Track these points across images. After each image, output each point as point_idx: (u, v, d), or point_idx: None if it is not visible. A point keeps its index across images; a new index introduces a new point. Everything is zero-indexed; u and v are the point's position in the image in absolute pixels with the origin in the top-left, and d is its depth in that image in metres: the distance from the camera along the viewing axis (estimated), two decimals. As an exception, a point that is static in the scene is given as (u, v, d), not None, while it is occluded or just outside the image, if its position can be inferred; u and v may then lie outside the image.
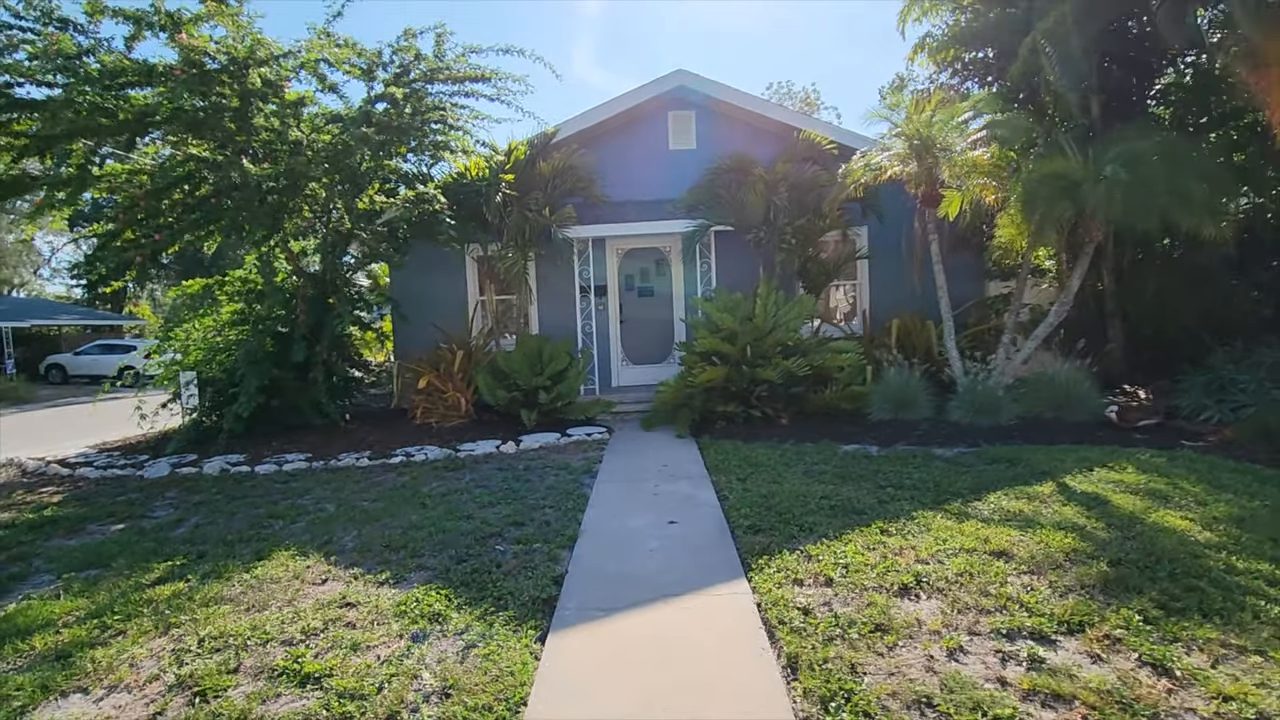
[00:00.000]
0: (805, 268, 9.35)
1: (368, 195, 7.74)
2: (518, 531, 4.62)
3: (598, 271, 10.32)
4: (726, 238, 9.90)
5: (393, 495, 5.71)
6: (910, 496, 4.91)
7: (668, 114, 10.74)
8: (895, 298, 10.04)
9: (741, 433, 7.55)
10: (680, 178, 10.11)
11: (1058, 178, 6.98)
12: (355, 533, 4.76)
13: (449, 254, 9.95)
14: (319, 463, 7.08)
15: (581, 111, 10.39)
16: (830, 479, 5.48)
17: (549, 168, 9.37)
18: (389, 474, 6.56)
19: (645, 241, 10.48)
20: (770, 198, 8.90)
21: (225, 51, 6.57)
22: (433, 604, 3.52)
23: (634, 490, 5.64)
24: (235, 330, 8.73)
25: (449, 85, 8.46)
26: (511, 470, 6.41)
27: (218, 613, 3.54)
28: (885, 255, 10.07)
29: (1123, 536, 3.97)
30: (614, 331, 10.57)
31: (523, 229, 8.76)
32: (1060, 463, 5.63)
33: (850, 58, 52.23)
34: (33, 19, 6.20)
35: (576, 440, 7.72)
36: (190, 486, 6.40)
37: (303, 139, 7.62)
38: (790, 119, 10.39)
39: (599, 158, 10.05)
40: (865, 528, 4.30)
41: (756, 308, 8.38)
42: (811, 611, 3.28)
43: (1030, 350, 7.67)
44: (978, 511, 4.53)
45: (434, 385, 8.91)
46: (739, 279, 9.71)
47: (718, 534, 4.46)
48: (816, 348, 8.06)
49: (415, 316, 9.92)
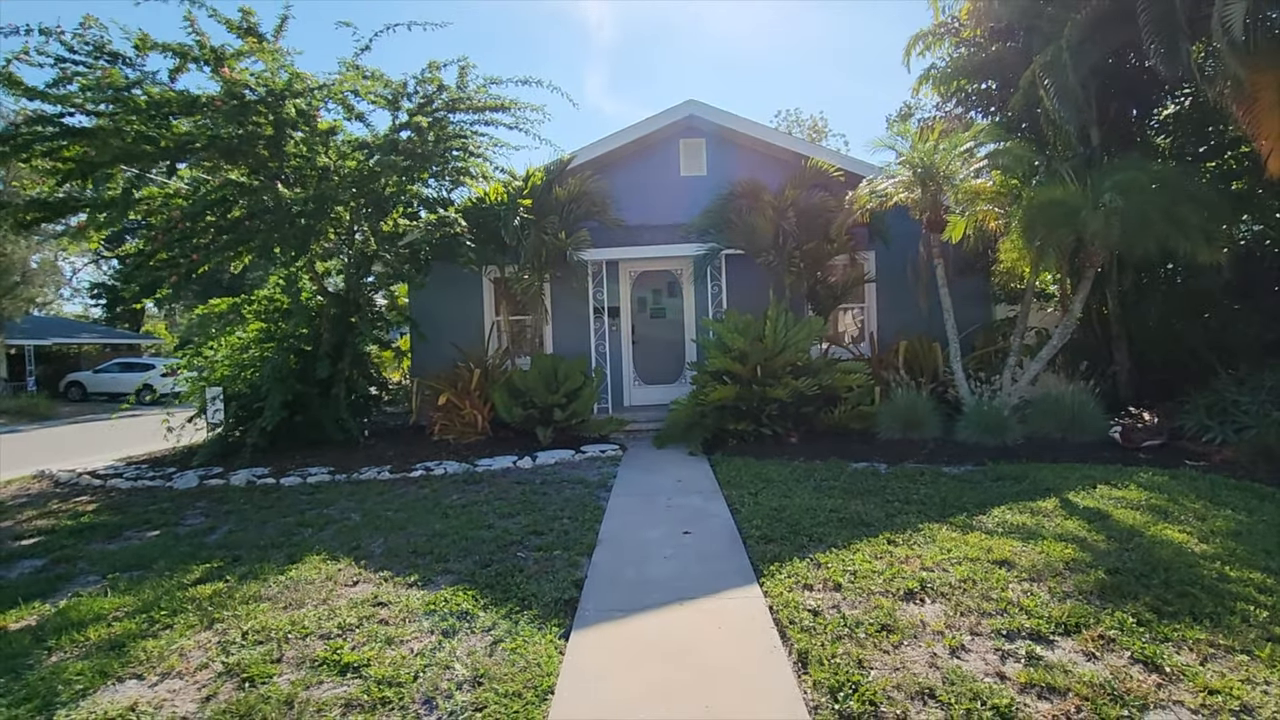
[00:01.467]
0: (814, 290, 9.60)
1: (391, 219, 8.07)
2: (538, 540, 4.81)
3: (611, 293, 10.60)
4: (736, 261, 10.17)
5: (415, 506, 5.92)
6: (917, 511, 5.08)
7: (679, 142, 11.10)
8: (902, 320, 10.25)
9: (752, 450, 7.73)
10: (691, 203, 10.43)
11: (1057, 205, 7.21)
12: (382, 540, 4.97)
13: (466, 275, 10.27)
14: (341, 476, 7.31)
15: (596, 140, 10.77)
16: (839, 494, 5.65)
17: (565, 193, 9.70)
18: (410, 487, 6.77)
19: (658, 264, 10.76)
20: (779, 222, 9.17)
21: (264, 84, 6.96)
22: (460, 604, 3.71)
23: (648, 503, 5.82)
24: (260, 347, 9.02)
25: (470, 114, 8.84)
26: (529, 484, 6.61)
27: (257, 609, 3.75)
28: (892, 279, 10.31)
29: (1121, 548, 4.12)
30: (627, 352, 10.81)
31: (539, 252, 9.06)
32: (1064, 480, 5.78)
33: (857, 87, 53.08)
34: (85, 53, 6.61)
35: (591, 457, 7.91)
36: (219, 497, 6.63)
37: (330, 165, 7.99)
38: (798, 147, 10.73)
39: (613, 183, 10.38)
40: (873, 539, 4.47)
41: (766, 329, 8.61)
42: (821, 613, 3.45)
43: (1035, 372, 7.83)
44: (982, 524, 4.69)
45: (452, 403, 9.15)
46: (749, 301, 9.94)
47: (730, 544, 4.63)
48: (825, 368, 8.26)
49: (433, 336, 10.21)
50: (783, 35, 54.05)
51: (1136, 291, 9.54)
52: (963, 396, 8.30)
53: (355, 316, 8.93)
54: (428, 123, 8.06)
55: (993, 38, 10.35)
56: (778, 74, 56.66)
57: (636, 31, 61.10)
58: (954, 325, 8.50)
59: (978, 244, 8.42)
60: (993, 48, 10.38)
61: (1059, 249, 7.08)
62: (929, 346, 9.35)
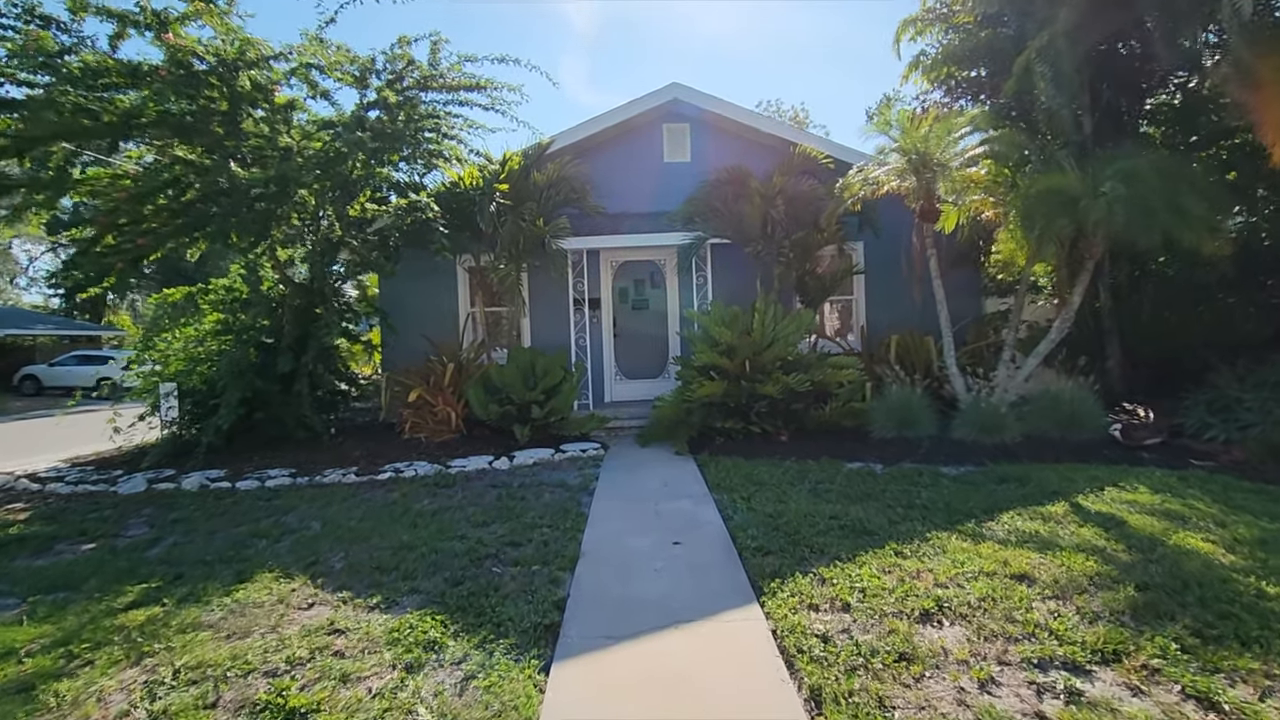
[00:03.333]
0: (802, 282, 9.26)
1: (358, 203, 7.55)
2: (515, 552, 4.41)
3: (592, 284, 10.17)
4: (723, 251, 9.80)
5: (381, 513, 5.47)
6: (922, 517, 4.76)
7: (662, 127, 10.68)
8: (891, 314, 9.98)
9: (741, 449, 7.38)
10: (675, 190, 10.02)
11: (1056, 193, 6.95)
12: (343, 553, 4.53)
13: (440, 264, 9.78)
14: (303, 479, 6.82)
15: (576, 124, 10.31)
16: (837, 498, 5.32)
17: (543, 178, 9.24)
18: (377, 491, 6.32)
19: (640, 254, 10.36)
20: (768, 210, 8.81)
21: (214, 53, 6.39)
22: (427, 631, 3.30)
23: (634, 509, 5.44)
24: (218, 340, 8.45)
25: (443, 94, 8.33)
26: (505, 487, 6.20)
27: (195, 640, 3.30)
28: (881, 271, 10.02)
29: (1145, 559, 3.84)
30: (608, 345, 10.40)
31: (516, 239, 8.60)
32: (1071, 482, 5.51)
33: (838, 81, 52.95)
34: (13, 15, 6.00)
35: (571, 456, 7.51)
36: (167, 503, 6.11)
37: (293, 145, 7.44)
38: (785, 133, 10.37)
39: (593, 170, 9.94)
40: (879, 549, 4.13)
41: (754, 322, 8.25)
42: (831, 639, 3.10)
43: (1032, 368, 7.59)
44: (993, 532, 4.39)
45: (424, 399, 8.67)
46: (735, 293, 9.59)
47: (724, 555, 4.27)
48: (816, 363, 7.94)
49: (405, 328, 9.71)
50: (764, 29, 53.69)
51: (1129, 284, 9.37)
52: (957, 393, 8.04)
53: (321, 307, 8.40)
54: (397, 100, 7.54)
55: (984, 23, 10.07)
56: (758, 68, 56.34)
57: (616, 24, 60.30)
58: (948, 318, 8.23)
59: (971, 235, 8.15)
60: (983, 34, 10.10)
61: (1058, 239, 6.81)
62: (921, 341, 9.08)
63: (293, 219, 7.58)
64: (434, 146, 8.19)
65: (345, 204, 7.34)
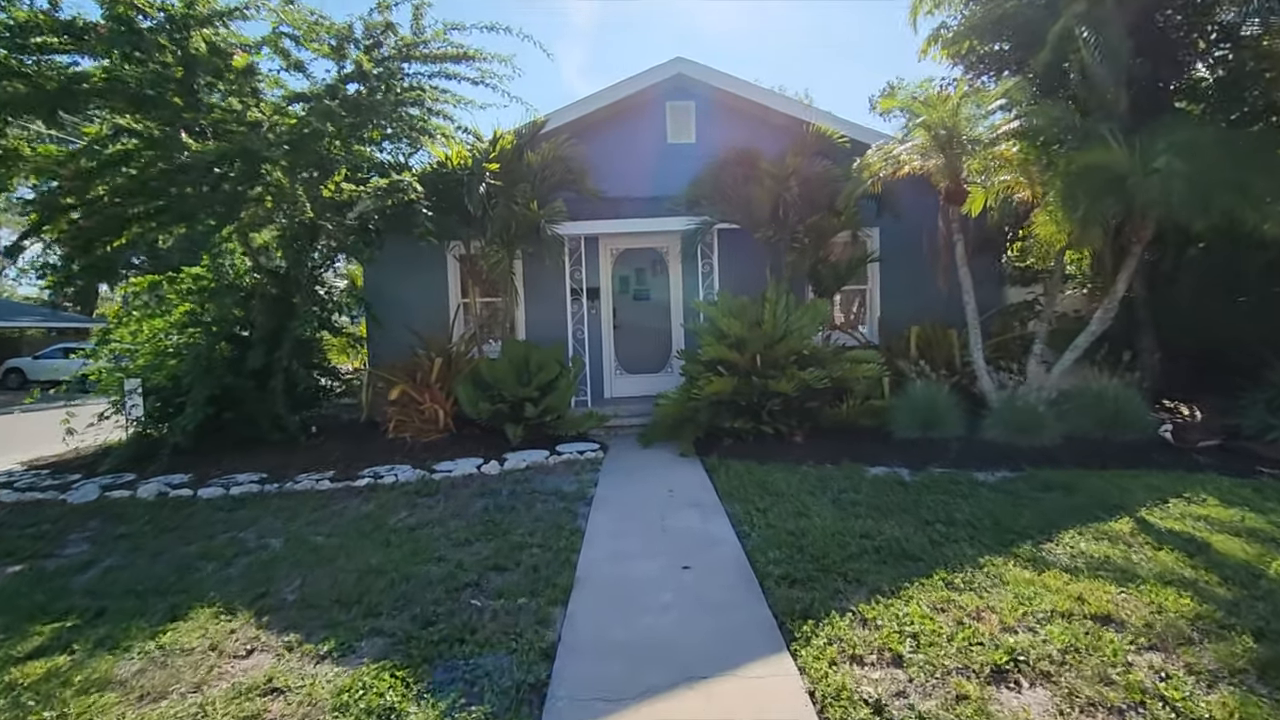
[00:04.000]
0: (816, 270, 8.61)
1: (333, 182, 6.88)
2: (499, 579, 3.79)
3: (590, 273, 9.52)
4: (730, 237, 9.14)
5: (352, 528, 4.85)
6: (967, 536, 4.14)
7: (665, 105, 10.00)
8: (908, 304, 9.34)
9: (752, 452, 6.77)
10: (679, 173, 9.34)
11: (1100, 171, 6.29)
12: (300, 580, 3.91)
13: (428, 252, 9.13)
14: (273, 485, 6.19)
15: (573, 101, 9.63)
16: (866, 511, 4.70)
17: (538, 159, 8.56)
18: (352, 499, 5.70)
19: (641, 241, 9.70)
20: (780, 193, 8.15)
21: (160, 8, 5.71)
22: (384, 691, 2.69)
23: (636, 522, 4.82)
24: (187, 333, 7.81)
25: (427, 66, 7.65)
26: (494, 496, 5.58)
27: (98, 705, 2.68)
28: (897, 258, 9.36)
29: (1249, 595, 3.22)
30: (607, 338, 9.77)
31: (508, 224, 7.94)
32: (1127, 492, 4.89)
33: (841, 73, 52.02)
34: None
35: (567, 459, 6.89)
36: (118, 514, 5.48)
37: (263, 120, 6.79)
38: (797, 111, 9.68)
39: (592, 151, 9.27)
40: (925, 579, 3.52)
41: (765, 313, 7.62)
42: (885, 709, 2.48)
43: (1069, 362, 6.96)
44: (1055, 557, 3.77)
45: (409, 396, 8.04)
46: (743, 282, 8.95)
47: (743, 584, 3.65)
48: (834, 358, 7.30)
49: (393, 320, 9.09)
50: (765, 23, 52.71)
51: (1167, 272, 8.73)
52: (985, 389, 7.42)
53: (297, 297, 7.76)
54: (374, 69, 6.87)
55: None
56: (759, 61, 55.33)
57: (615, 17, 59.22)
58: (975, 309, 7.60)
59: (1002, 219, 7.50)
60: (1009, 3, 9.41)
61: (1103, 221, 6.17)
62: (943, 333, 8.44)
63: (266, 201, 6.92)
64: (418, 122, 7.52)
65: (319, 183, 6.66)
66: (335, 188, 6.80)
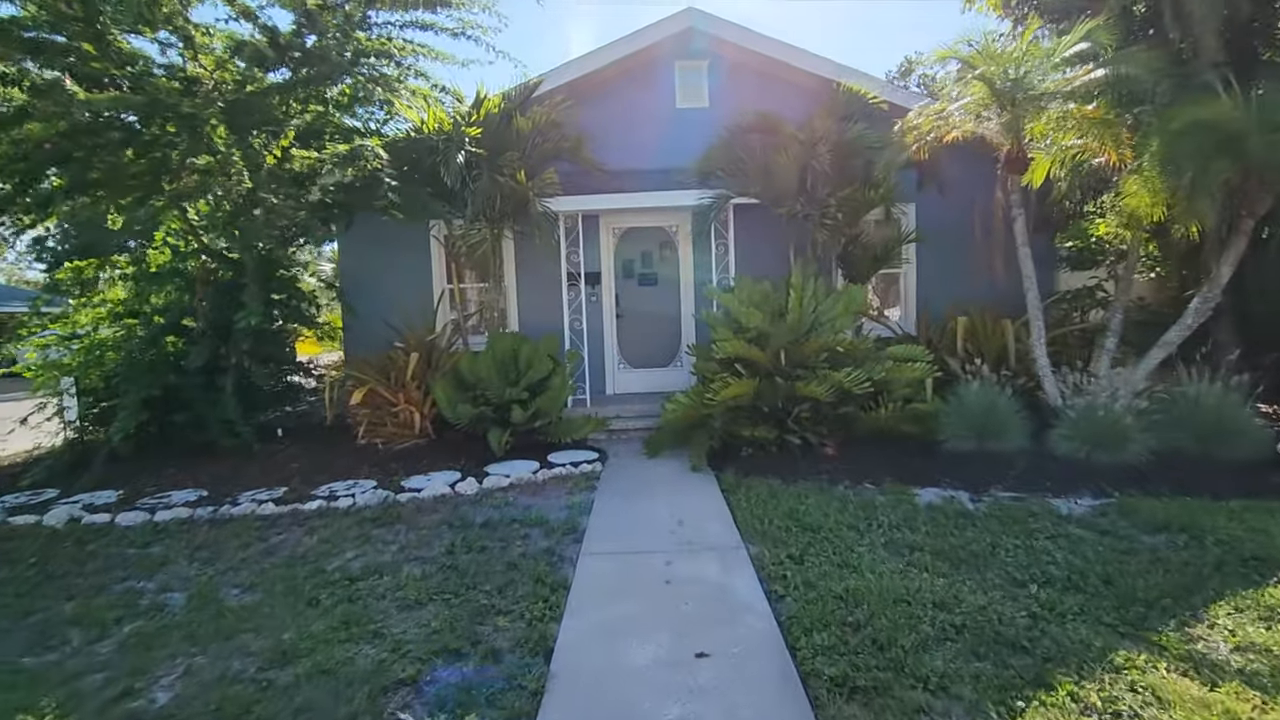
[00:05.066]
0: (848, 251, 7.49)
1: (278, 147, 5.81)
2: (446, 674, 2.79)
3: (590, 255, 8.44)
4: (748, 214, 8.03)
5: (281, 577, 3.86)
6: (1079, 607, 3.09)
7: (674, 65, 8.83)
8: (948, 289, 8.23)
9: (776, 466, 5.74)
10: (690, 143, 8.18)
11: (1209, 129, 5.15)
12: (182, 669, 2.92)
13: (410, 233, 8.07)
14: (207, 509, 5.21)
15: (571, 59, 8.50)
16: (930, 560, 3.66)
17: (528, 124, 7.43)
18: (293, 531, 4.72)
19: (647, 218, 8.60)
20: (808, 162, 7.01)
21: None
22: None
23: (636, 572, 3.80)
24: (126, 324, 6.83)
25: (396, 13, 6.55)
26: (465, 528, 4.58)
27: None
28: (937, 237, 8.18)
29: None
30: (609, 328, 8.71)
31: (493, 198, 6.85)
32: (1268, 536, 3.82)
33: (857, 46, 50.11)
34: None
35: (559, 474, 5.88)
36: (6, 551, 4.51)
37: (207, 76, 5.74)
38: (826, 70, 8.45)
39: (591, 117, 8.15)
40: (1044, 692, 2.47)
41: (791, 301, 6.53)
42: None
43: (1157, 361, 5.87)
44: (1218, 653, 2.71)
45: (381, 397, 7.04)
46: (763, 265, 7.86)
47: (781, 689, 2.62)
48: (872, 355, 6.21)
49: (369, 309, 8.07)
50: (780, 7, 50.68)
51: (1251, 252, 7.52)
52: (1048, 392, 6.34)
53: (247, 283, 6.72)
54: (326, 9, 5.77)
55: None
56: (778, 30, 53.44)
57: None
58: (1037, 297, 6.50)
59: (1072, 190, 6.36)
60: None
61: (1213, 189, 5.03)
62: (995, 324, 7.31)
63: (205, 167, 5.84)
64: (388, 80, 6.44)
65: (262, 148, 5.60)
66: (281, 154, 5.74)
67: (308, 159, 5.76)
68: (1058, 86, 6.07)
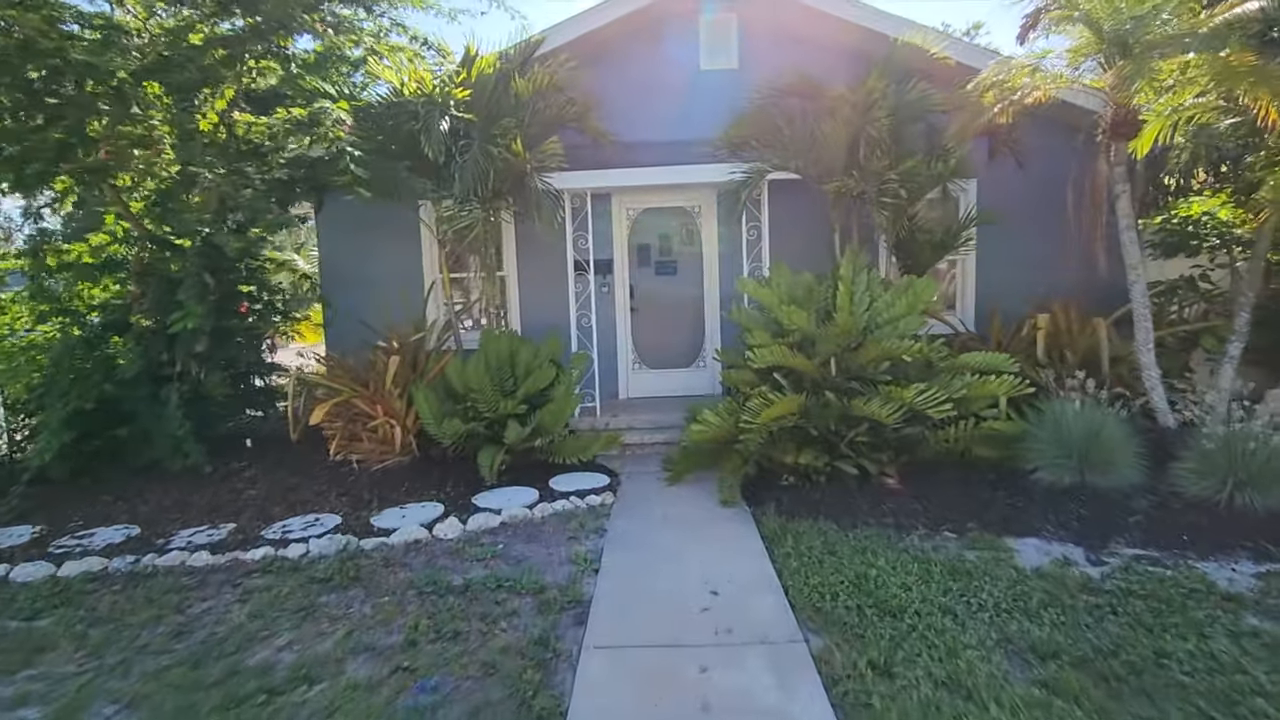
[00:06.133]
0: (910, 236, 6.30)
1: (212, 110, 4.74)
2: None
3: (600, 240, 7.33)
4: (784, 193, 6.87)
5: (179, 685, 2.85)
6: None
7: (698, 20, 7.61)
8: (1014, 280, 7.06)
9: (827, 502, 4.67)
10: (716, 110, 6.98)
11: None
12: None
13: (397, 218, 6.98)
14: (125, 558, 4.23)
15: (577, 13, 7.31)
16: (1073, 676, 2.59)
17: (528, 87, 6.29)
18: (224, 595, 3.72)
19: (667, 197, 7.47)
20: (862, 128, 5.83)
21: None
22: None
23: (657, 689, 2.74)
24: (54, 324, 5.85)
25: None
26: (437, 595, 3.57)
27: None
28: (1004, 219, 6.96)
29: None
30: (622, 324, 7.63)
31: (485, 173, 5.75)
32: None
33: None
34: None
35: (561, 510, 4.85)
36: None
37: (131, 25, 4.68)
38: (880, 23, 7.11)
39: (602, 80, 7.01)
40: None
41: (840, 297, 5.39)
42: None
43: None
44: None
45: (357, 409, 6.02)
46: (800, 253, 6.71)
47: None
48: (946, 366, 5.05)
49: (351, 303, 7.05)
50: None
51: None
52: (1157, 409, 5.20)
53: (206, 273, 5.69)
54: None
55: None
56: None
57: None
58: (1144, 291, 5.35)
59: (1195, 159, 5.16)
60: None
61: None
62: (1085, 323, 6.12)
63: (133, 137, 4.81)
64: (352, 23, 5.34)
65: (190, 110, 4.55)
66: (220, 120, 4.67)
67: (258, 127, 4.68)
68: (1181, 28, 4.85)
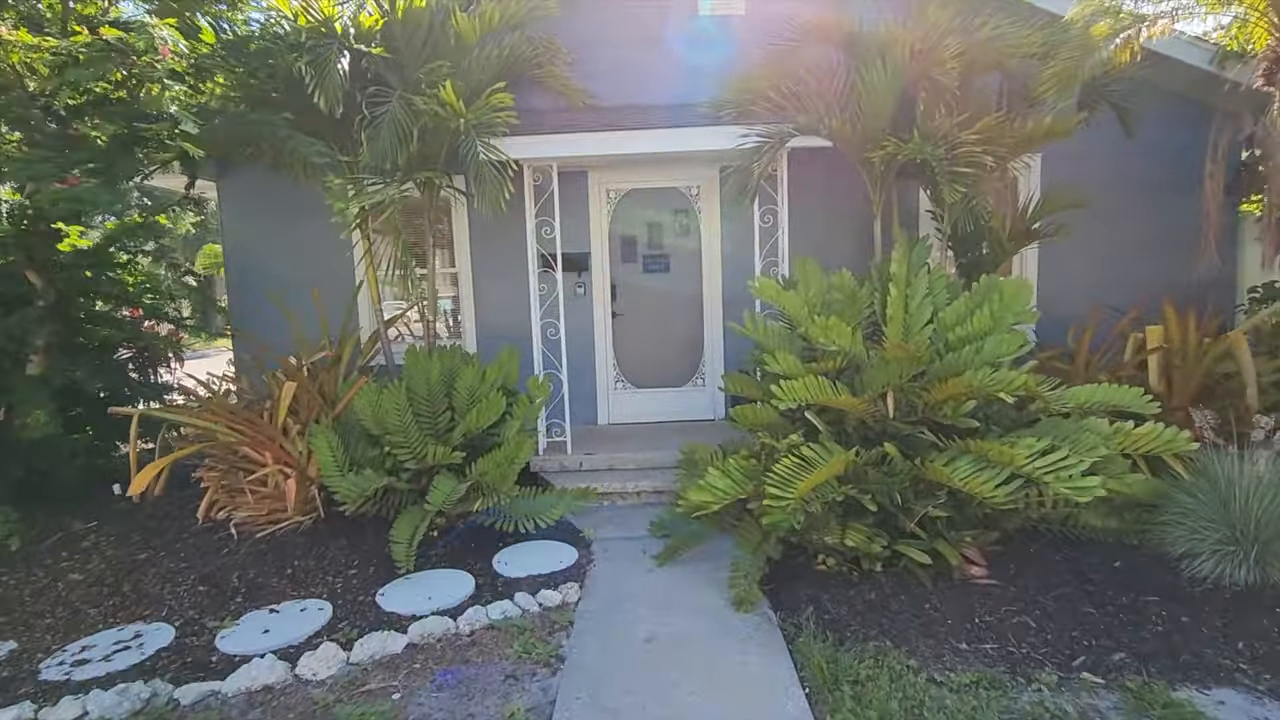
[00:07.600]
0: (975, 225, 4.76)
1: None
2: None
3: (573, 228, 5.78)
4: (808, 167, 5.36)
5: None
6: None
7: (696, -50, 6.06)
8: (1088, 280, 5.62)
9: (890, 609, 3.17)
10: (719, 65, 5.46)
11: None
12: None
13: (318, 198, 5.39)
14: None
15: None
16: None
17: (474, 27, 4.71)
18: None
19: (657, 174, 5.93)
20: (922, 75, 4.30)
21: None
22: None
23: None
24: None
25: None
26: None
27: None
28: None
29: None
30: (602, 333, 6.11)
31: (405, 133, 4.18)
32: None
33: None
34: None
35: (501, 620, 3.30)
36: None
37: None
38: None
39: (574, 27, 5.47)
40: None
41: (891, 304, 3.88)
42: None
43: None
44: None
45: (239, 453, 4.46)
46: (829, 245, 5.22)
47: None
48: (1059, 405, 3.53)
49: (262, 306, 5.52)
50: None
51: None
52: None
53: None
54: None
55: None
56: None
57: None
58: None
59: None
60: None
61: None
62: (1214, 340, 4.59)
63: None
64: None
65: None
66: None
67: (37, 55, 3.08)
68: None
